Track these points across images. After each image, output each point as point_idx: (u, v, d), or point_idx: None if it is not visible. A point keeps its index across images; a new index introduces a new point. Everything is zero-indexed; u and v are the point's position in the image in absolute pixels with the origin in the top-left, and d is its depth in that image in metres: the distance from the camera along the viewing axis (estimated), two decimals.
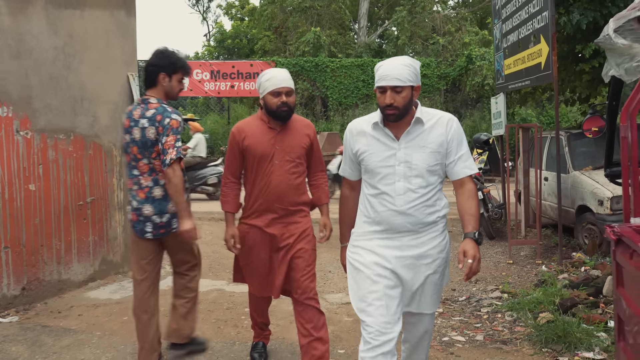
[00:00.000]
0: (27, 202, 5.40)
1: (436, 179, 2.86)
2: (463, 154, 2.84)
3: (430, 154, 2.79)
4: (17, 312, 5.22)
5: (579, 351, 4.08)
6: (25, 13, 5.35)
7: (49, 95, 5.59)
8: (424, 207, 2.82)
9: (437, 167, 2.82)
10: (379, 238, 2.87)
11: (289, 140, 3.56)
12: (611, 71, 2.88)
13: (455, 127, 2.83)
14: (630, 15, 2.73)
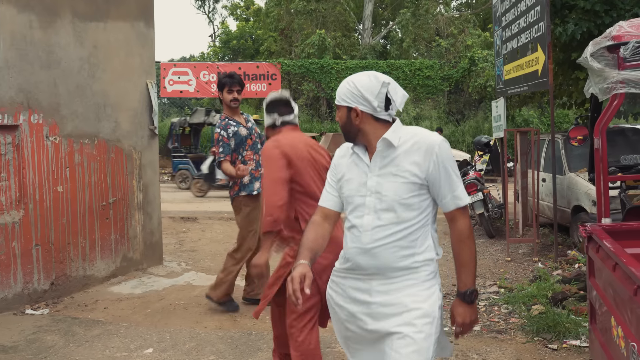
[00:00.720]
0: (56, 203, 5.79)
1: (415, 215, 2.31)
2: (451, 182, 2.31)
3: (403, 185, 2.29)
4: (47, 305, 5.62)
5: (567, 339, 4.45)
6: (54, 26, 5.75)
7: (75, 102, 5.98)
8: (396, 249, 2.30)
9: (413, 200, 2.30)
10: (351, 277, 2.43)
11: None
12: (590, 88, 3.25)
13: (439, 154, 2.28)
14: (602, 44, 3.10)
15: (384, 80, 2.31)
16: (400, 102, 2.35)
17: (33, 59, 5.54)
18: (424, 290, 2.31)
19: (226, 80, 5.22)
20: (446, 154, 2.28)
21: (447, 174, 2.28)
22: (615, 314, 2.21)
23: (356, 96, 2.31)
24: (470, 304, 2.33)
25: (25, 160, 5.49)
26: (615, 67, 3.00)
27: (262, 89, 23.56)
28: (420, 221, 2.31)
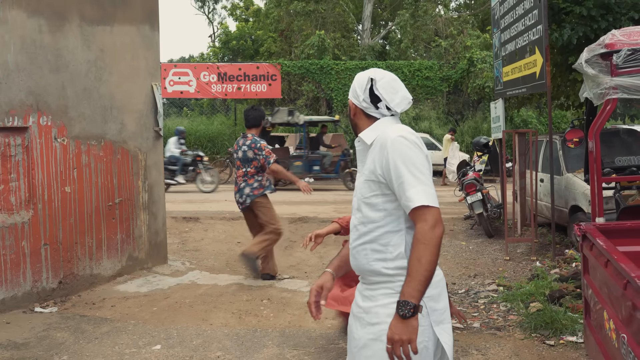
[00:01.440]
0: (64, 203, 5.92)
1: (381, 217, 2.19)
2: (401, 181, 2.11)
3: (365, 183, 2.24)
4: (56, 304, 5.74)
5: (564, 335, 4.59)
6: (63, 30, 5.87)
7: (82, 104, 6.11)
8: (366, 251, 2.22)
9: (376, 199, 2.20)
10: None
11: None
12: (585, 93, 3.38)
13: (390, 149, 2.14)
14: (596, 51, 3.23)
15: (370, 76, 2.27)
16: (398, 103, 2.26)
17: (42, 62, 5.66)
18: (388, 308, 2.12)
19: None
20: (398, 150, 2.11)
21: (397, 172, 2.10)
22: (608, 308, 2.34)
23: (352, 90, 2.33)
24: (402, 319, 2.00)
25: (34, 162, 5.62)
26: (609, 73, 3.13)
27: (262, 90, 23.66)
28: (388, 224, 2.17)
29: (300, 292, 6.20)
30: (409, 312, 1.98)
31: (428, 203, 2.04)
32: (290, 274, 7.03)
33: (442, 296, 2.21)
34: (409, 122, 23.25)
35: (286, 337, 4.83)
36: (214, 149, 23.30)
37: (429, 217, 2.04)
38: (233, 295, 6.06)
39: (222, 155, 21.77)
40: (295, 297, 5.97)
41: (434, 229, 2.03)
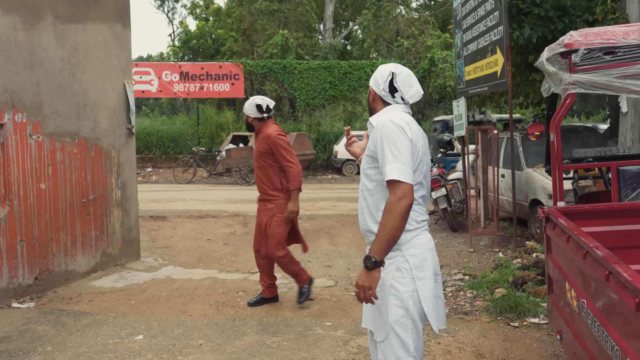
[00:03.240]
0: (39, 200, 5.96)
1: (374, 185, 2.66)
2: (384, 157, 2.53)
3: (365, 157, 2.72)
4: (32, 299, 5.78)
5: (527, 318, 4.89)
6: (37, 28, 5.91)
7: (57, 102, 6.16)
8: (366, 214, 2.69)
9: (371, 171, 2.67)
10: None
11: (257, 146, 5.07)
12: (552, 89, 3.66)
13: (380, 131, 2.57)
14: (556, 50, 3.51)
15: (392, 70, 2.69)
16: (412, 96, 2.69)
17: (17, 59, 5.70)
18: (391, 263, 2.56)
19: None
20: (386, 132, 2.54)
21: (382, 150, 2.53)
22: (569, 279, 2.59)
23: (374, 78, 2.74)
24: (366, 270, 2.46)
25: (10, 158, 5.65)
26: (568, 70, 3.41)
27: (224, 89, 23.67)
28: (379, 192, 2.62)
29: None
30: (371, 265, 2.45)
31: (399, 178, 2.44)
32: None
33: (426, 258, 2.61)
34: None
35: (264, 325, 5.01)
36: (177, 149, 23.20)
37: (398, 191, 2.45)
38: (209, 289, 6.20)
39: (184, 155, 21.71)
40: None
41: (399, 201, 2.43)
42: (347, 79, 23.80)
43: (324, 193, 15.64)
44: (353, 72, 23.81)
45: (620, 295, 1.84)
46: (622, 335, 1.90)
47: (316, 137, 22.53)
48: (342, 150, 20.75)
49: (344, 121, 23.47)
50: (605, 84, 3.29)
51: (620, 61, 3.29)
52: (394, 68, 2.71)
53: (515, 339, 4.57)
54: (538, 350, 4.32)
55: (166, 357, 4.33)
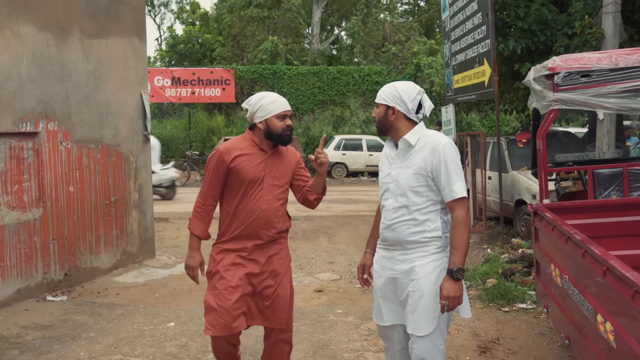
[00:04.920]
0: (68, 202, 6.47)
1: (423, 201, 2.85)
2: (449, 177, 2.79)
3: (413, 175, 2.85)
4: (63, 293, 6.29)
5: (515, 304, 5.51)
6: (66, 43, 6.43)
7: (83, 111, 6.67)
8: (408, 226, 2.86)
9: (421, 188, 2.85)
10: (382, 248, 3.04)
11: (279, 165, 3.45)
12: (534, 104, 4.28)
13: (442, 152, 2.80)
14: (541, 72, 4.13)
15: (420, 89, 2.93)
16: (428, 110, 2.93)
17: (50, 73, 6.21)
18: (433, 262, 2.84)
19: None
20: (449, 153, 2.80)
21: (446, 170, 2.78)
22: (554, 261, 3.18)
23: (395, 97, 2.88)
24: (456, 281, 2.72)
25: (43, 164, 6.16)
26: (551, 89, 4.02)
27: (216, 94, 24.20)
28: (428, 206, 2.85)
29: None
30: (461, 276, 2.75)
31: (465, 195, 2.79)
32: None
33: None
34: (360, 124, 24.28)
35: None
36: (169, 152, 23.62)
37: (465, 206, 2.80)
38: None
39: (176, 159, 22.17)
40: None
41: (467, 214, 2.79)
42: (336, 84, 24.44)
43: None
44: (341, 77, 24.46)
45: (593, 267, 2.43)
46: (594, 297, 2.49)
47: (305, 140, 23.14)
48: (331, 154, 21.37)
49: (332, 125, 24.10)
50: (582, 101, 3.92)
51: (594, 82, 3.92)
52: (418, 87, 2.93)
53: (506, 321, 5.18)
54: (526, 330, 4.94)
55: (199, 340, 4.87)
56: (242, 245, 3.36)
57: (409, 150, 2.90)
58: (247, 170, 3.35)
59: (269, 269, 3.39)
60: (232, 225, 3.37)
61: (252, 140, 3.42)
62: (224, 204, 3.43)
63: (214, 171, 3.37)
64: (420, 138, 2.88)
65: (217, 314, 3.28)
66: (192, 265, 3.43)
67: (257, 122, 3.37)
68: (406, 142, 2.89)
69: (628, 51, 4.11)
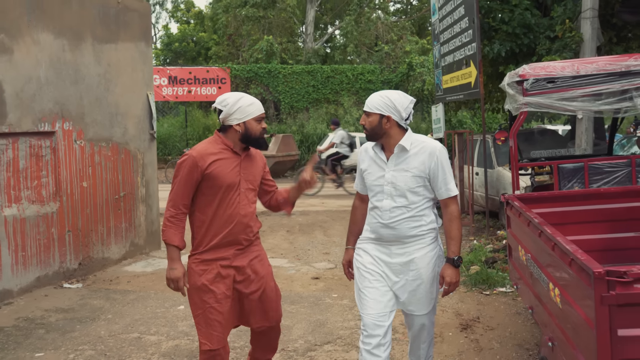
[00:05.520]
0: (82, 196, 6.94)
1: (420, 199, 3.11)
2: (445, 178, 3.10)
3: (412, 177, 3.09)
4: (78, 281, 6.77)
5: (496, 288, 6.03)
6: (80, 48, 6.90)
7: (95, 112, 7.14)
8: (408, 222, 3.10)
9: (419, 188, 3.11)
10: (374, 244, 3.23)
11: (251, 167, 3.37)
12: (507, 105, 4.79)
13: (439, 156, 3.09)
14: (514, 78, 4.63)
15: (412, 99, 3.15)
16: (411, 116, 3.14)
17: (65, 76, 6.68)
18: (430, 252, 3.15)
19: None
20: (444, 156, 3.12)
21: (443, 172, 3.10)
22: (520, 243, 3.68)
23: (390, 107, 3.06)
24: (456, 268, 3.10)
25: (60, 161, 6.63)
26: (521, 94, 4.53)
27: (212, 93, 24.61)
28: (424, 203, 3.13)
29: (283, 267, 7.45)
30: (459, 263, 3.13)
31: (457, 192, 3.18)
32: (270, 254, 8.25)
33: None
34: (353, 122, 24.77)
35: (283, 297, 6.02)
36: (166, 150, 24.02)
37: (457, 201, 3.20)
38: None
39: (173, 157, 22.59)
40: (280, 271, 7.21)
41: (459, 209, 3.20)
42: (330, 82, 24.91)
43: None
44: (335, 76, 24.94)
45: (546, 244, 2.93)
46: (547, 269, 2.99)
47: (300, 138, 23.60)
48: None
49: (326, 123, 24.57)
50: (548, 104, 4.42)
51: (558, 88, 4.43)
52: (408, 96, 3.15)
53: (487, 303, 5.71)
54: (504, 310, 5.46)
55: None
56: (223, 253, 3.26)
57: (403, 155, 3.12)
58: (224, 175, 3.23)
59: (252, 272, 3.34)
60: (210, 234, 3.25)
61: (224, 144, 3.29)
62: (198, 212, 3.28)
63: (187, 177, 3.21)
64: (412, 143, 3.12)
65: (211, 328, 3.25)
66: (175, 276, 3.23)
67: (234, 124, 3.24)
68: (402, 147, 3.10)
69: (589, 60, 4.63)
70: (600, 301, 2.19)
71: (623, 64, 4.34)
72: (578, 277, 2.42)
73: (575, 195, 4.25)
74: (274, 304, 3.46)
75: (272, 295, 3.44)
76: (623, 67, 4.31)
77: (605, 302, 2.19)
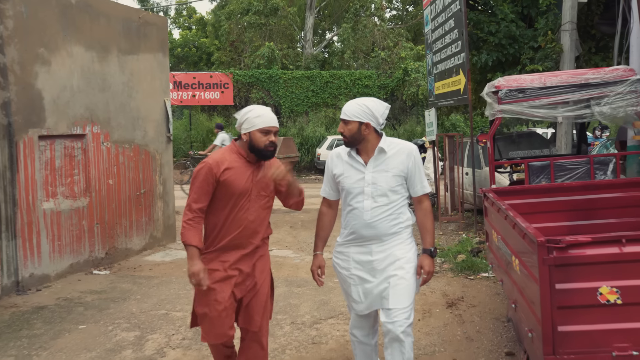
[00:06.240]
0: (108, 192, 7.69)
1: (398, 197, 3.32)
2: (421, 176, 3.34)
3: (392, 177, 3.30)
4: (105, 269, 7.52)
5: (479, 273, 6.80)
6: (107, 59, 7.66)
7: (119, 116, 7.90)
8: (388, 220, 3.29)
9: (398, 187, 3.32)
10: (354, 245, 3.39)
11: (265, 175, 3.49)
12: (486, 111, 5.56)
13: (415, 156, 3.33)
14: (491, 89, 5.39)
15: (387, 105, 3.34)
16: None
17: (94, 85, 7.44)
18: (407, 245, 3.37)
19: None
20: (418, 156, 3.37)
21: (419, 170, 3.36)
22: (494, 227, 4.43)
23: (368, 115, 3.24)
24: (432, 257, 3.38)
25: (89, 160, 7.38)
26: (497, 102, 5.29)
27: (215, 97, 25.38)
28: (401, 201, 3.35)
29: (289, 257, 8.22)
30: (435, 253, 3.42)
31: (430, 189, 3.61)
32: (276, 247, 9.01)
33: None
34: None
35: (290, 282, 6.83)
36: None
37: (429, 198, 3.48)
38: None
39: (178, 159, 23.32)
40: (286, 261, 7.97)
41: (431, 204, 3.51)
42: (328, 87, 25.71)
43: (311, 191, 17.32)
44: (333, 81, 25.74)
45: (510, 225, 3.68)
46: (510, 245, 3.74)
47: (300, 141, 24.36)
48: (324, 153, 22.61)
49: (325, 126, 25.35)
50: (519, 111, 5.20)
51: (528, 97, 5.20)
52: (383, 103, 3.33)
53: (471, 285, 6.48)
54: (485, 291, 6.24)
55: None
56: (228, 256, 3.44)
57: (381, 157, 3.33)
58: (237, 183, 3.39)
59: (252, 276, 3.50)
60: (219, 236, 3.44)
61: (238, 153, 3.47)
62: (211, 215, 3.46)
63: (203, 184, 3.38)
64: (389, 145, 3.34)
65: (210, 322, 3.44)
66: (196, 271, 3.34)
67: (242, 133, 3.42)
68: (382, 149, 3.32)
69: (554, 74, 5.40)
70: (542, 262, 2.94)
71: (582, 77, 5.11)
72: (528, 246, 3.17)
73: (542, 188, 5.02)
74: (259, 310, 3.52)
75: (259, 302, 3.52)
76: (582, 80, 5.09)
77: (545, 263, 2.93)
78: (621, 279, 2.81)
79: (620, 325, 2.81)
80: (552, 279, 2.95)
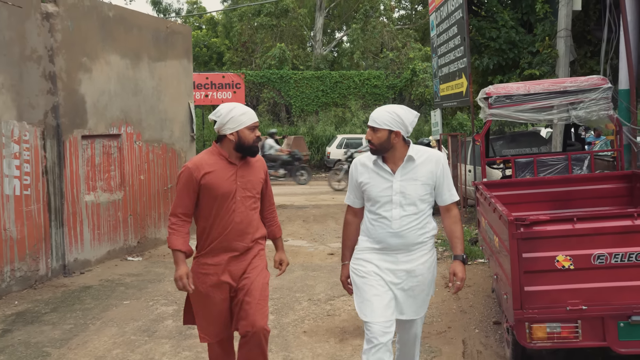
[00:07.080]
0: (140, 187, 8.49)
1: (426, 206, 3.24)
2: (449, 184, 3.28)
3: (421, 186, 3.21)
4: (138, 256, 8.31)
5: (477, 259, 7.54)
6: (139, 66, 8.45)
7: (150, 118, 8.69)
8: (415, 230, 3.20)
9: (427, 196, 3.23)
10: (378, 254, 3.27)
11: (249, 175, 3.47)
12: (480, 115, 6.29)
13: (444, 164, 3.26)
14: (483, 95, 6.11)
15: (416, 113, 3.28)
16: None
17: (128, 89, 8.23)
18: (430, 257, 3.32)
19: None
20: (447, 165, 3.30)
21: (448, 179, 3.29)
22: (483, 215, 5.16)
23: (399, 123, 3.16)
24: (464, 264, 3.30)
25: (124, 158, 8.18)
26: (488, 107, 6.02)
27: (227, 97, 26.14)
28: (428, 210, 3.27)
29: (304, 246, 8.99)
30: (466, 260, 3.38)
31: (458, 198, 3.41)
32: (291, 237, 9.78)
33: None
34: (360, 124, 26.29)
35: (305, 267, 7.60)
36: None
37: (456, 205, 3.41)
38: None
39: None
40: (301, 249, 8.75)
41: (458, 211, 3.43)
42: (338, 87, 26.47)
43: (322, 188, 18.18)
44: (343, 81, 26.49)
45: (492, 210, 4.41)
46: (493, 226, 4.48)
47: (310, 139, 25.14)
48: (333, 152, 23.35)
49: (334, 125, 26.11)
50: (507, 115, 5.92)
51: (514, 102, 5.92)
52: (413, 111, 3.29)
53: (468, 269, 7.21)
54: (480, 274, 6.98)
55: None
56: (219, 259, 3.42)
57: (409, 165, 3.23)
58: (219, 185, 3.35)
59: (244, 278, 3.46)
60: (209, 239, 3.42)
61: (220, 154, 3.43)
62: (200, 219, 3.46)
63: (184, 188, 3.38)
64: (417, 153, 3.26)
65: (207, 322, 3.51)
66: (180, 275, 3.37)
67: (228, 133, 3.36)
68: (411, 158, 3.23)
69: (537, 82, 6.13)
70: (512, 236, 3.68)
71: (561, 85, 5.83)
72: (502, 224, 3.92)
73: (527, 181, 5.76)
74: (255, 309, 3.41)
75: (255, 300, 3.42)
76: (562, 87, 5.81)
77: (514, 237, 3.67)
78: (573, 249, 3.55)
79: (572, 285, 3.55)
80: (519, 249, 3.68)
